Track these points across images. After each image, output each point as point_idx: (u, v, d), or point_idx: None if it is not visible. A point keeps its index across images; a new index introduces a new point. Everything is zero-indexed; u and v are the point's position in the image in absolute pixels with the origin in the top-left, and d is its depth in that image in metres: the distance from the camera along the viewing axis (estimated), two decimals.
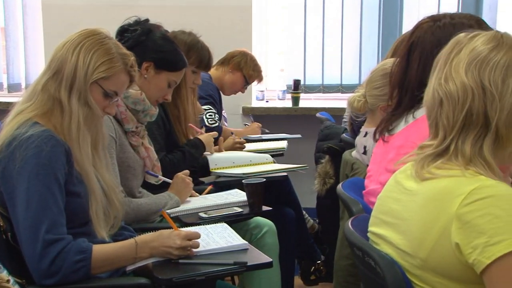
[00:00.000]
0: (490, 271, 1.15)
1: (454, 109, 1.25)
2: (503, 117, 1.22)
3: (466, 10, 4.52)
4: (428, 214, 1.23)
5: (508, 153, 1.27)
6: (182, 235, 1.74)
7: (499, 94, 1.22)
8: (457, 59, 1.27)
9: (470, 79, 1.23)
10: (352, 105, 2.43)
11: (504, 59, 1.24)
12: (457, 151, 1.25)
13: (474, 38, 1.29)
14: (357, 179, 2.15)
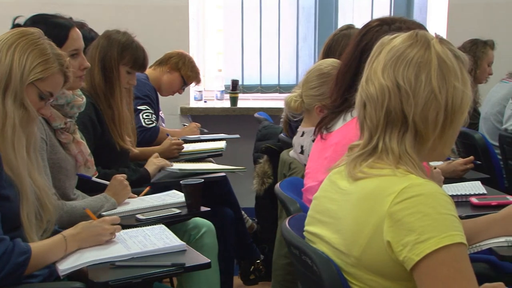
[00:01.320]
0: (419, 268, 1.17)
1: (375, 109, 1.28)
2: (418, 112, 1.25)
3: (398, 12, 4.65)
4: (361, 213, 1.25)
5: (428, 150, 1.30)
6: (107, 220, 1.83)
7: (413, 91, 1.25)
8: (377, 61, 1.31)
9: (387, 79, 1.27)
10: (289, 105, 2.45)
11: (417, 56, 1.27)
12: (386, 149, 1.28)
13: (394, 38, 1.32)
14: (294, 178, 2.17)
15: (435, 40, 1.29)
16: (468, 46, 3.96)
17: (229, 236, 2.88)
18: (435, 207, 1.18)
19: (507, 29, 4.26)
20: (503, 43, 4.00)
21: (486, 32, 4.13)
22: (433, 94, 1.25)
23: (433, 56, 1.27)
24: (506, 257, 1.72)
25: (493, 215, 1.83)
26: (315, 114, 2.37)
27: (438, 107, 1.25)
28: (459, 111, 1.28)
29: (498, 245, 1.79)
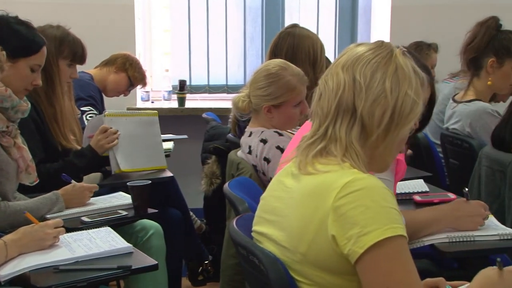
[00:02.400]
0: (363, 260, 1.20)
1: (329, 100, 1.33)
2: (367, 107, 1.30)
3: (343, 13, 4.73)
4: (306, 209, 1.27)
5: (372, 147, 1.33)
6: (49, 224, 1.78)
7: (366, 86, 1.30)
8: (339, 61, 1.36)
9: (345, 73, 1.33)
10: (236, 105, 2.45)
11: (376, 58, 1.33)
12: (335, 137, 1.32)
13: (359, 45, 1.38)
14: (243, 178, 2.17)
15: (399, 50, 1.36)
16: (413, 48, 4.05)
17: (177, 237, 2.86)
18: (377, 201, 1.22)
19: (449, 31, 4.38)
20: (445, 44, 4.11)
21: (428, 33, 4.24)
22: (384, 93, 1.30)
23: (392, 61, 1.33)
24: (447, 253, 1.77)
25: (436, 214, 1.89)
26: (263, 114, 2.38)
27: (386, 106, 1.30)
28: (406, 118, 1.32)
29: (440, 241, 1.85)
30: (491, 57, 2.96)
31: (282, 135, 2.33)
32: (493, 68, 2.97)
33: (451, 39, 3.94)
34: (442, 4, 4.57)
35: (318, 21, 4.73)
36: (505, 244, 1.85)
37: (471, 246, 1.82)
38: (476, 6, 4.40)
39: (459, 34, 3.22)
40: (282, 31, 2.86)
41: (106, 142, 2.61)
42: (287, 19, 4.69)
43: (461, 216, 1.90)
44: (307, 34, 2.80)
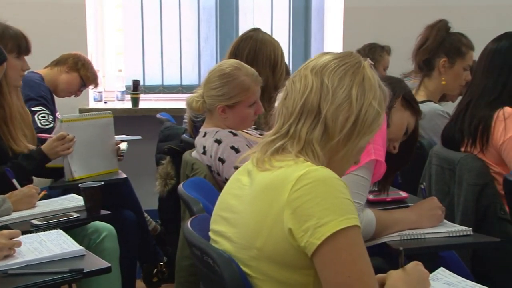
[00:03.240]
0: (321, 252, 1.22)
1: (294, 99, 1.37)
2: (332, 110, 1.33)
3: (296, 13, 4.77)
4: (262, 204, 1.29)
5: (332, 150, 1.36)
6: (4, 234, 1.70)
7: (333, 90, 1.34)
8: (308, 64, 1.41)
9: (314, 76, 1.37)
10: (190, 105, 2.44)
11: (345, 66, 1.38)
12: (295, 135, 1.35)
13: (329, 53, 1.44)
14: (197, 178, 2.17)
15: (367, 63, 1.41)
16: (367, 49, 4.12)
17: (131, 239, 2.83)
18: (332, 192, 1.24)
19: (400, 32, 4.46)
20: (397, 45, 4.19)
21: (380, 35, 4.31)
22: (349, 100, 1.34)
23: (360, 71, 1.38)
24: (399, 250, 1.80)
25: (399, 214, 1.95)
26: (217, 114, 2.38)
27: (350, 112, 1.34)
28: (368, 127, 1.36)
29: (391, 239, 1.89)
30: (443, 58, 3.04)
31: (236, 135, 2.33)
32: (445, 68, 3.05)
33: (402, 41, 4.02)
34: (394, 6, 4.65)
35: (272, 21, 4.75)
36: (454, 240, 1.90)
37: (421, 243, 1.87)
38: (426, 8, 4.51)
39: (410, 35, 3.29)
40: (244, 33, 2.87)
41: (61, 150, 2.57)
42: (241, 19, 4.69)
43: (421, 214, 1.95)
44: (269, 39, 2.83)
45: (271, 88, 2.72)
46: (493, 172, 2.42)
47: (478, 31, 3.25)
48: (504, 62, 2.46)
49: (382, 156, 1.94)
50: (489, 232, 2.25)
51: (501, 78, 2.45)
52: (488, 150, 2.43)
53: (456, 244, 1.93)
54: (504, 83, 2.45)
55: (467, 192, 2.38)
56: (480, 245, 2.08)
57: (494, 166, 2.43)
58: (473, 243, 1.98)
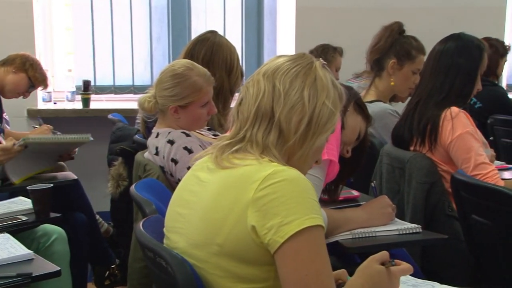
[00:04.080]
0: (283, 249, 1.23)
1: (249, 105, 1.38)
2: (285, 112, 1.35)
3: (249, 14, 4.77)
4: (224, 201, 1.30)
5: (288, 152, 1.37)
6: None
7: (285, 93, 1.36)
8: (261, 69, 1.42)
9: (266, 81, 1.38)
10: (142, 106, 2.41)
11: (296, 68, 1.38)
12: (251, 140, 1.36)
13: (281, 56, 1.44)
14: (150, 180, 2.15)
15: (319, 63, 1.42)
16: (319, 50, 4.17)
17: (82, 242, 2.79)
18: (297, 191, 1.26)
19: (352, 33, 4.53)
20: (348, 45, 4.25)
21: (332, 35, 4.37)
22: (302, 101, 1.35)
23: (312, 72, 1.39)
24: (350, 249, 1.83)
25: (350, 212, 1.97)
26: (169, 115, 2.36)
27: (304, 113, 1.35)
28: (323, 127, 1.38)
29: (343, 237, 1.92)
30: (393, 59, 3.09)
31: (189, 136, 2.32)
32: (394, 69, 3.10)
33: (355, 42, 4.09)
34: (346, 7, 4.71)
35: (224, 22, 4.75)
36: (404, 238, 1.94)
37: (372, 241, 1.90)
38: (378, 10, 4.59)
39: (362, 36, 3.34)
40: (201, 35, 2.86)
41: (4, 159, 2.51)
42: (194, 19, 4.67)
43: (372, 213, 1.98)
44: (226, 43, 2.83)
45: (226, 91, 2.72)
46: (441, 171, 2.48)
47: (427, 33, 3.33)
48: (451, 63, 2.52)
49: (335, 157, 1.96)
50: (437, 229, 2.31)
51: (448, 78, 2.51)
52: (436, 149, 2.49)
53: (406, 241, 1.97)
54: (451, 84, 2.50)
55: (416, 190, 2.43)
56: (429, 242, 2.12)
57: (442, 164, 2.49)
58: (422, 240, 2.02)
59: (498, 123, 3.76)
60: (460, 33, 2.61)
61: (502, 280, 2.15)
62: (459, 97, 2.52)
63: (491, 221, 2.08)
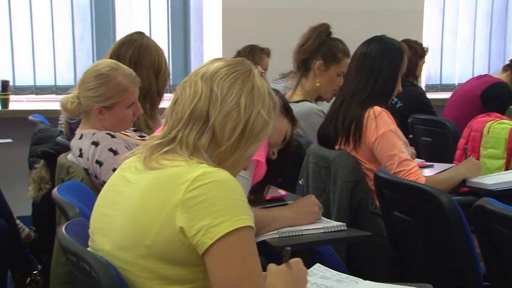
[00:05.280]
0: (212, 251, 1.23)
1: (184, 105, 1.37)
2: (220, 118, 1.35)
3: (175, 14, 4.73)
4: (153, 202, 1.29)
5: (220, 157, 1.37)
6: None
7: (222, 98, 1.35)
8: (198, 71, 1.42)
9: (203, 83, 1.37)
10: (65, 106, 2.35)
11: (235, 74, 1.39)
12: (182, 141, 1.35)
13: (220, 59, 1.45)
14: (74, 182, 2.10)
15: (257, 71, 1.43)
16: (247, 51, 4.19)
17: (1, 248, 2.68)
18: (227, 193, 1.26)
19: (279, 34, 4.58)
20: (275, 46, 4.30)
21: (259, 36, 4.40)
22: (238, 108, 1.36)
23: (250, 79, 1.39)
24: (277, 248, 1.85)
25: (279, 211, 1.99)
26: (93, 116, 2.31)
27: (239, 121, 1.35)
28: (256, 136, 1.38)
29: (270, 237, 1.93)
30: (319, 60, 3.15)
31: (115, 137, 2.28)
32: (320, 70, 3.16)
33: (281, 43, 4.13)
34: (272, 8, 4.75)
35: (150, 21, 4.68)
36: (329, 236, 1.98)
37: (299, 240, 1.92)
38: (304, 11, 4.66)
39: (289, 37, 3.39)
40: (128, 36, 2.82)
41: None
42: (118, 19, 4.59)
43: (299, 212, 2.01)
44: (154, 44, 2.80)
45: (154, 93, 2.70)
46: (365, 169, 2.54)
47: (350, 34, 3.41)
48: (374, 64, 2.59)
49: (263, 157, 1.97)
50: (362, 226, 2.37)
51: (371, 79, 2.58)
52: (360, 148, 2.55)
53: (331, 239, 2.01)
54: (374, 84, 2.58)
55: (341, 188, 2.48)
56: (353, 239, 2.17)
57: (366, 163, 2.55)
58: (346, 238, 2.06)
59: (418, 122, 3.89)
60: (382, 36, 2.69)
61: (422, 274, 2.23)
62: (381, 97, 2.59)
63: (412, 217, 2.15)
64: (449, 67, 5.48)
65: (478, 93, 3.87)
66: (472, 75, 4.97)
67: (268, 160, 2.08)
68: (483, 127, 3.14)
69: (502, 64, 4.50)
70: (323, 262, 1.87)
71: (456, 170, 2.62)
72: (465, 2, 5.44)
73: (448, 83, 5.45)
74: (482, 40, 5.54)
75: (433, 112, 4.05)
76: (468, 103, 3.90)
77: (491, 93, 3.83)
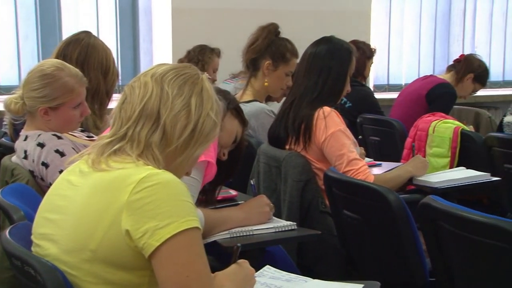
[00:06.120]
0: (159, 253, 1.23)
1: (134, 104, 1.37)
2: (171, 116, 1.36)
3: (123, 13, 4.66)
4: (98, 205, 1.27)
5: (170, 155, 1.37)
6: None
7: (173, 97, 1.37)
8: (148, 72, 1.43)
9: (154, 82, 1.38)
10: (9, 107, 2.29)
11: (185, 75, 1.41)
12: (133, 138, 1.35)
13: (168, 64, 1.46)
14: (18, 185, 2.05)
15: (205, 76, 1.45)
16: (197, 51, 4.17)
17: None
18: (173, 194, 1.26)
19: (229, 34, 4.58)
20: (225, 46, 4.29)
21: (209, 36, 4.38)
22: (188, 108, 1.37)
23: (199, 82, 1.42)
24: (229, 248, 1.85)
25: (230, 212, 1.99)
26: (39, 116, 2.26)
27: (189, 120, 1.37)
28: (206, 137, 1.40)
29: (221, 237, 1.93)
30: (268, 60, 3.16)
31: (61, 138, 2.24)
32: (269, 70, 3.17)
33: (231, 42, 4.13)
34: (221, 8, 4.75)
35: (98, 21, 4.60)
36: (280, 235, 1.99)
37: (249, 240, 1.93)
38: (254, 11, 4.67)
39: (238, 37, 3.38)
40: (74, 35, 2.76)
41: None
42: (64, 18, 4.49)
43: (250, 212, 2.01)
44: (101, 44, 2.76)
45: (102, 93, 2.66)
46: (315, 168, 2.57)
47: (299, 35, 3.44)
48: (323, 64, 2.62)
49: (213, 158, 1.97)
50: (312, 225, 2.39)
51: (320, 79, 2.61)
52: (310, 148, 2.57)
53: (282, 238, 2.02)
54: (323, 84, 2.61)
55: (292, 188, 2.50)
56: (303, 238, 2.19)
57: (316, 162, 2.58)
58: (297, 237, 2.08)
59: (367, 122, 3.96)
60: (331, 37, 2.72)
61: (371, 271, 2.26)
62: (331, 97, 2.62)
63: (360, 215, 2.18)
64: (396, 68, 5.60)
65: (424, 93, 3.96)
66: (418, 76, 5.07)
67: (219, 161, 2.08)
68: (429, 126, 3.22)
69: (446, 65, 4.61)
70: (274, 261, 1.89)
71: (403, 168, 2.68)
72: (410, 5, 5.56)
73: (395, 83, 5.56)
74: (427, 41, 5.68)
75: (381, 112, 4.12)
76: (414, 103, 3.98)
77: (436, 93, 3.92)
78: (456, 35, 5.74)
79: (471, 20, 5.78)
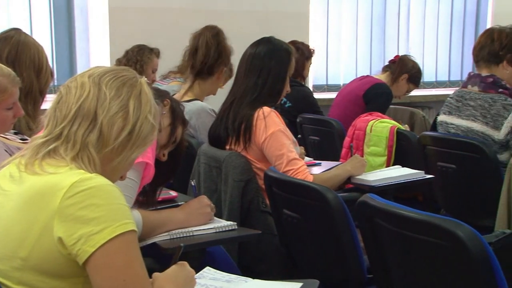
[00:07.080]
0: (94, 259, 1.20)
1: (69, 104, 1.34)
2: (108, 117, 1.33)
3: (58, 12, 4.55)
4: (29, 212, 1.24)
5: (106, 157, 1.35)
6: None
7: (111, 98, 1.35)
8: (85, 73, 1.41)
9: (91, 82, 1.36)
10: None
11: (123, 77, 1.40)
12: (69, 138, 1.32)
13: (103, 66, 1.45)
14: None
15: (143, 79, 1.44)
16: (135, 51, 4.11)
17: None
18: (106, 199, 1.23)
19: (167, 33, 4.54)
20: (164, 46, 4.25)
21: (147, 35, 4.33)
22: (126, 109, 1.35)
23: (138, 85, 1.40)
24: (168, 249, 1.83)
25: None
26: None
27: (127, 122, 1.35)
28: (143, 140, 1.38)
29: (161, 239, 1.91)
30: (223, 66, 3.23)
31: None
32: (224, 75, 3.26)
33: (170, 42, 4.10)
34: (160, 7, 4.70)
35: (31, 19, 4.46)
36: (220, 236, 1.99)
37: (190, 241, 1.92)
38: (193, 11, 4.65)
39: (178, 37, 3.36)
40: (3, 33, 2.67)
41: None
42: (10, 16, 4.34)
43: (190, 213, 2.00)
44: (33, 42, 2.67)
45: (36, 93, 2.58)
46: (255, 168, 2.58)
47: (238, 35, 3.45)
48: (263, 65, 2.64)
49: (151, 159, 1.95)
50: (253, 225, 2.40)
51: (260, 79, 2.62)
52: (250, 147, 2.58)
53: (222, 239, 2.02)
54: (263, 84, 2.62)
55: (232, 188, 2.50)
56: (244, 238, 2.20)
57: (256, 162, 2.59)
58: (237, 237, 2.08)
59: (306, 121, 4.00)
60: (270, 37, 2.74)
61: (310, 270, 2.29)
62: (270, 97, 2.64)
63: (300, 214, 2.20)
64: (334, 68, 5.68)
65: (361, 93, 4.04)
66: (355, 76, 5.16)
67: (159, 162, 2.06)
68: (366, 125, 3.29)
69: (382, 65, 4.71)
70: (215, 262, 1.88)
71: (342, 167, 2.72)
72: (347, 7, 5.66)
73: (333, 84, 5.64)
74: (364, 42, 5.79)
75: (320, 111, 4.18)
76: (352, 103, 4.06)
77: (372, 93, 4.01)
78: (391, 36, 5.88)
79: (405, 22, 5.93)
